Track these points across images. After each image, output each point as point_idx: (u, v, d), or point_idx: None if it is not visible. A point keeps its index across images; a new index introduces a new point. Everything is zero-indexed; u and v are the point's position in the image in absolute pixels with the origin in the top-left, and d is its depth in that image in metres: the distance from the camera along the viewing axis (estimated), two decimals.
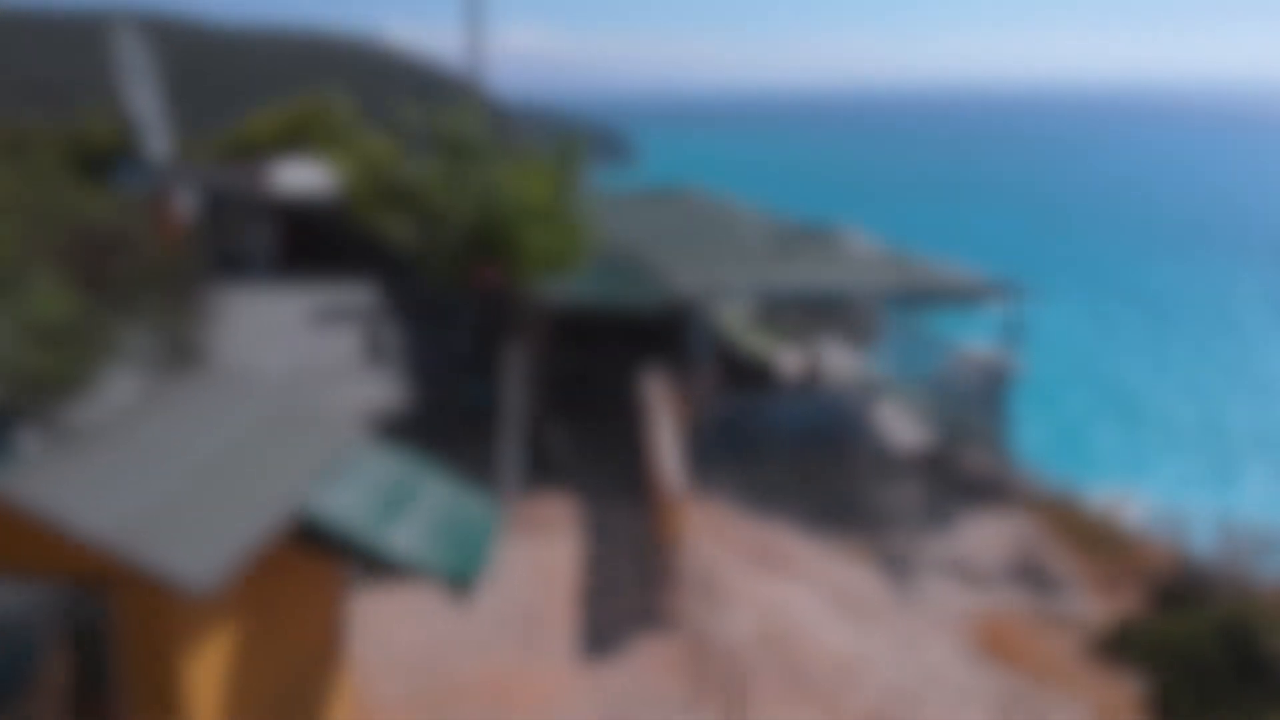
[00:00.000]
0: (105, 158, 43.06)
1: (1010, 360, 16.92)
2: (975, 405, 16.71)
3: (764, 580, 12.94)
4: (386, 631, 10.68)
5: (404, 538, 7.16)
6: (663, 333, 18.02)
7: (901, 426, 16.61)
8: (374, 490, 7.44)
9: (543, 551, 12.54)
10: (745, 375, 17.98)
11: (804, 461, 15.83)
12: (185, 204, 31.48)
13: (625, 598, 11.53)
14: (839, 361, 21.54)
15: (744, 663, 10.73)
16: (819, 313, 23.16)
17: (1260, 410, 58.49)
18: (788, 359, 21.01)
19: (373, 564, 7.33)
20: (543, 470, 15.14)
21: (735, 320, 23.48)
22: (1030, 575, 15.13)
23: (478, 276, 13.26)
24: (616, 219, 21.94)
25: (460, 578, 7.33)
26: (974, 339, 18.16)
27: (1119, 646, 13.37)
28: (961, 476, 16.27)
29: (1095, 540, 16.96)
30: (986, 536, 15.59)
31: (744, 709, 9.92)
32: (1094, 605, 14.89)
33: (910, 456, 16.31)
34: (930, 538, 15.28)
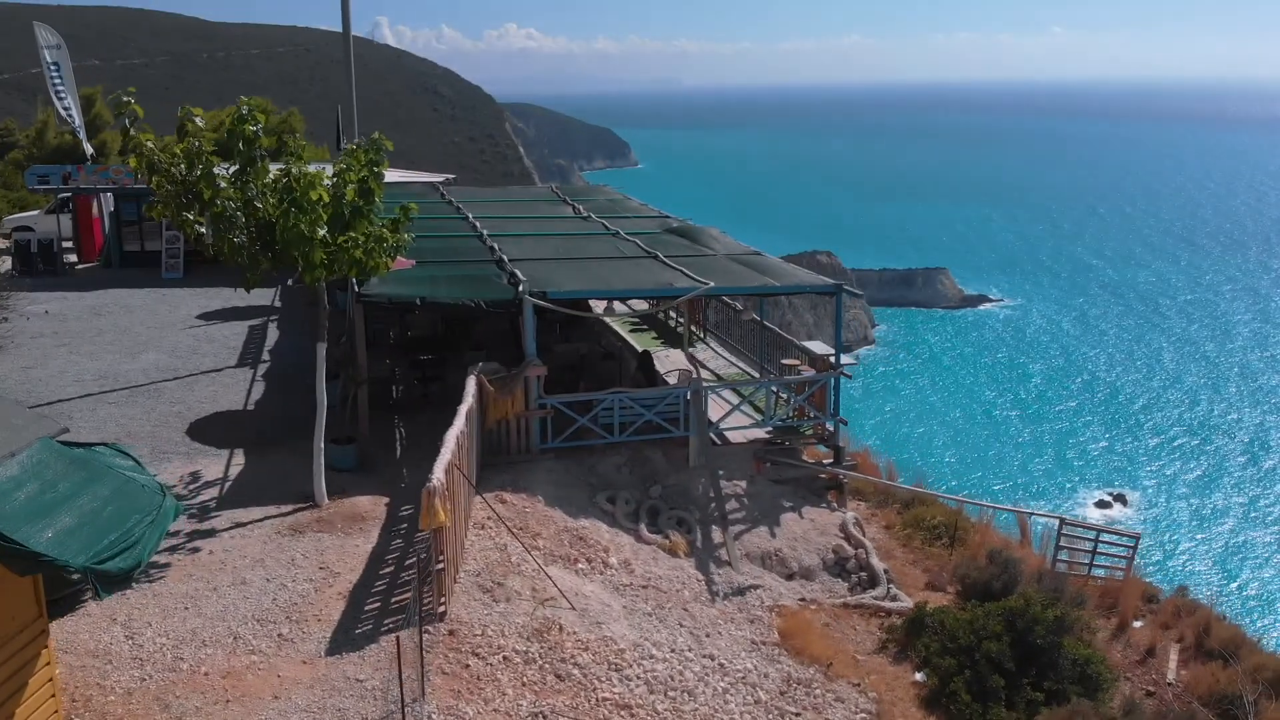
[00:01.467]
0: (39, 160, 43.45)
1: (842, 358, 17.08)
2: (810, 401, 16.90)
3: (561, 573, 13.13)
4: (143, 623, 10.90)
5: (49, 534, 7.33)
6: (514, 331, 18.31)
7: (740, 421, 16.80)
8: (25, 488, 7.59)
9: (335, 548, 12.75)
10: (615, 373, 18.19)
11: (638, 455, 16.03)
12: (106, 207, 31.84)
13: (397, 593, 11.75)
14: (712, 359, 21.77)
15: (499, 653, 10.92)
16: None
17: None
18: (667, 358, 21.23)
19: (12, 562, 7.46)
20: (368, 467, 15.39)
21: (622, 321, 23.73)
22: (850, 568, 15.33)
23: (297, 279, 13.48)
24: (499, 220, 22.20)
25: (109, 575, 7.52)
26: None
27: (914, 637, 13.59)
28: (794, 471, 16.45)
29: (935, 536, 17.19)
30: (811, 530, 15.80)
31: (479, 698, 10.13)
32: (913, 599, 15.09)
33: (745, 451, 16.50)
34: (756, 530, 15.48)
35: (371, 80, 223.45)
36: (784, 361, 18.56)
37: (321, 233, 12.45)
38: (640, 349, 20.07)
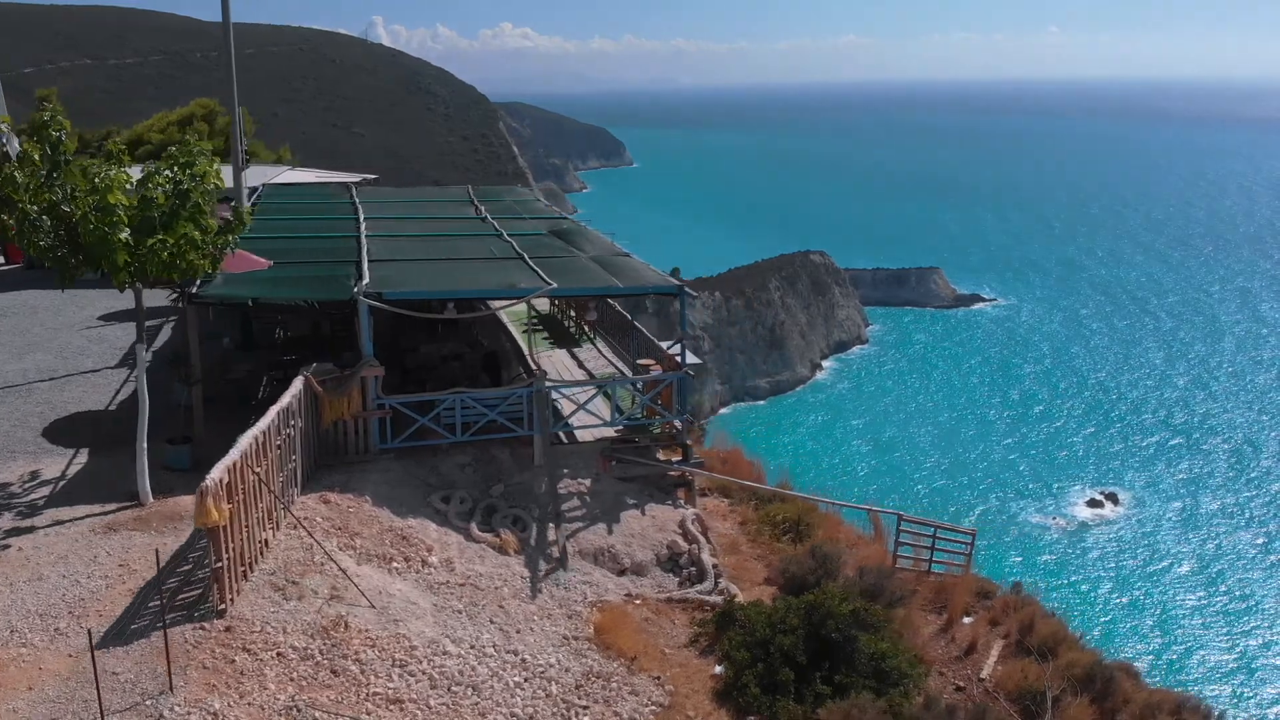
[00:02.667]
0: None
1: (687, 357, 17.26)
2: (659, 400, 17.08)
3: (372, 572, 13.34)
4: None
5: None
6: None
7: (590, 420, 17.00)
8: None
9: (142, 546, 12.93)
10: (460, 373, 18.36)
11: (485, 454, 16.23)
12: None
13: (187, 590, 11.95)
14: (595, 359, 21.96)
15: (274, 649, 11.13)
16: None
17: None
18: (550, 358, 21.44)
19: None
20: (205, 467, 15.56)
21: (517, 321, 23.92)
22: (682, 564, 15.52)
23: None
24: (389, 220, 22.39)
25: None
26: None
27: (722, 631, 13.79)
28: (641, 469, 16.64)
29: (783, 531, 17.39)
30: (650, 527, 15.99)
31: (234, 692, 10.34)
32: (749, 593, 15.29)
33: (594, 449, 16.71)
34: (593, 528, 15.67)
35: (365, 80, 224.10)
36: (639, 361, 18.77)
37: (123, 235, 12.63)
38: (489, 349, 20.18)
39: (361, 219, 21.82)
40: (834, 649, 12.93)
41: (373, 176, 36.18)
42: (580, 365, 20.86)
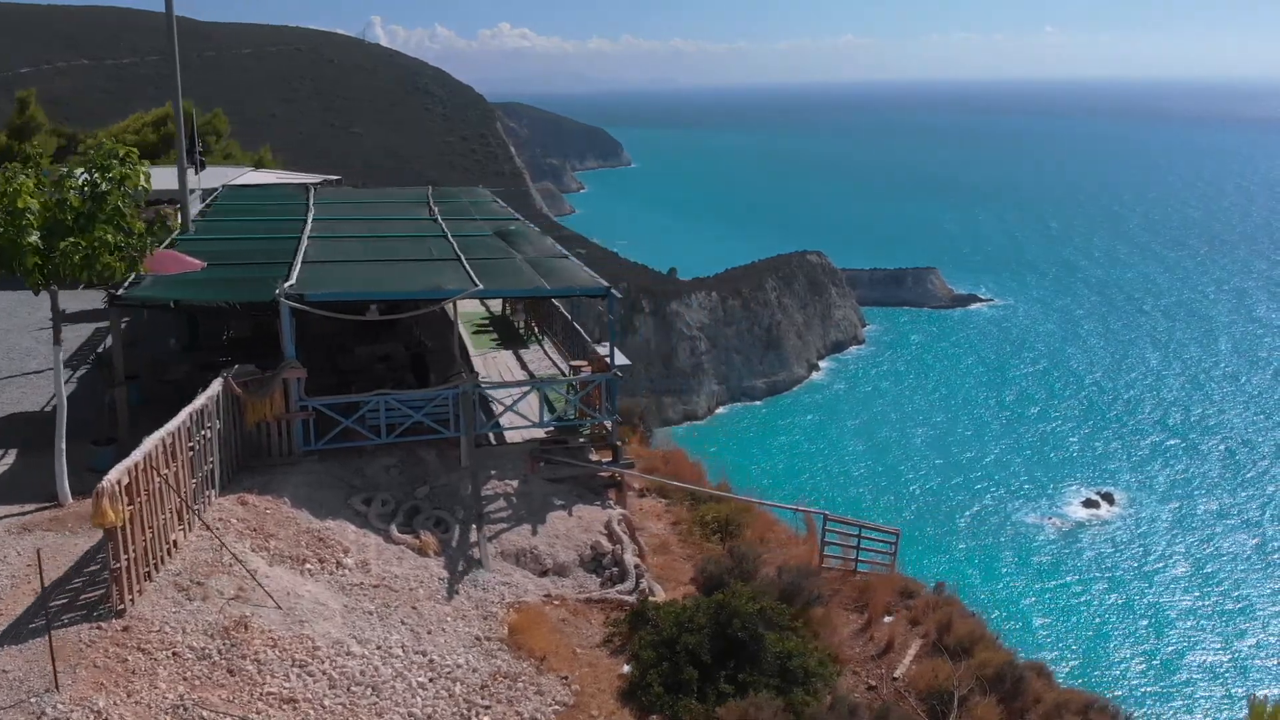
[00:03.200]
0: None
1: (618, 359, 17.35)
2: (590, 401, 17.19)
3: (284, 573, 13.45)
4: None
5: None
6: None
7: (522, 421, 17.10)
8: None
9: (54, 546, 13.05)
10: (387, 375, 18.47)
11: (412, 455, 16.34)
12: None
13: (90, 590, 12.06)
14: (539, 360, 22.06)
15: (170, 649, 11.24)
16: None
17: None
18: (494, 359, 21.55)
19: None
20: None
21: (469, 322, 24.04)
22: (605, 564, 15.61)
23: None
24: (338, 221, 22.50)
25: None
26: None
27: (635, 630, 13.89)
28: (569, 470, 16.74)
29: (714, 532, 17.50)
30: (576, 528, 16.08)
31: (122, 690, 10.45)
32: (674, 593, 15.38)
33: (523, 450, 16.81)
34: (518, 529, 15.76)
35: (363, 80, 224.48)
36: (572, 363, 18.88)
37: (32, 239, 12.73)
38: (416, 350, 20.18)
39: (309, 220, 21.93)
40: (740, 648, 13.03)
41: (335, 177, 36.24)
42: (523, 366, 20.97)
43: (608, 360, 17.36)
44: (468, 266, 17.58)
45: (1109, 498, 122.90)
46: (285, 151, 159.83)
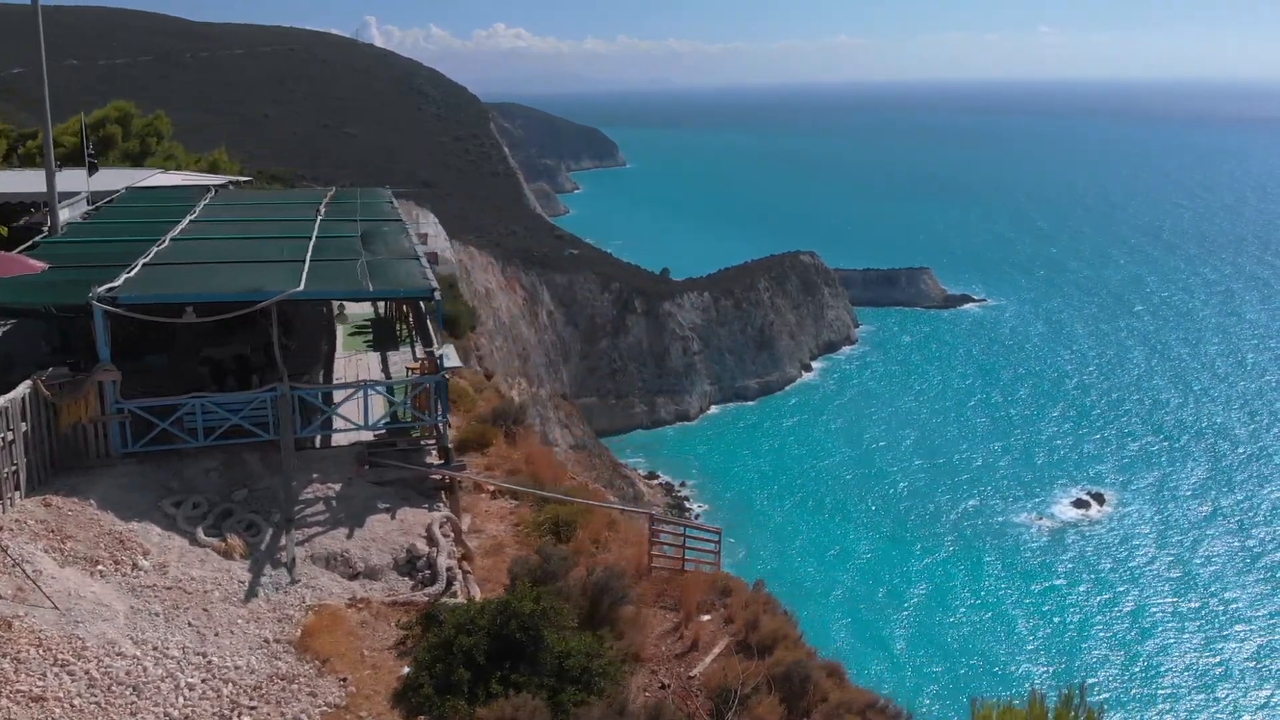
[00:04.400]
0: None
1: (449, 360, 17.38)
2: (421, 402, 17.25)
3: (73, 574, 13.55)
4: None
5: None
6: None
7: (354, 423, 17.17)
8: None
9: None
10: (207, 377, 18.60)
11: (235, 458, 16.43)
12: None
13: None
14: (405, 361, 22.13)
15: None
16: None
17: None
18: (359, 361, 21.64)
19: None
20: None
21: (350, 323, 24.14)
22: (419, 567, 15.68)
23: None
24: (212, 224, 22.58)
25: None
26: None
27: (427, 632, 13.96)
28: (396, 473, 16.82)
29: (543, 534, 17.57)
30: (395, 531, 16.12)
31: None
32: (479, 596, 15.43)
33: (349, 453, 16.89)
34: (334, 532, 15.81)
35: (357, 80, 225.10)
36: (408, 365, 18.96)
37: None
38: (238, 352, 20.16)
39: (184, 222, 22.03)
40: (518, 649, 13.09)
41: (245, 179, 36.27)
42: (384, 368, 21.05)
43: (437, 362, 17.42)
44: (306, 268, 17.64)
45: (1099, 498, 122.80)
46: (278, 152, 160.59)
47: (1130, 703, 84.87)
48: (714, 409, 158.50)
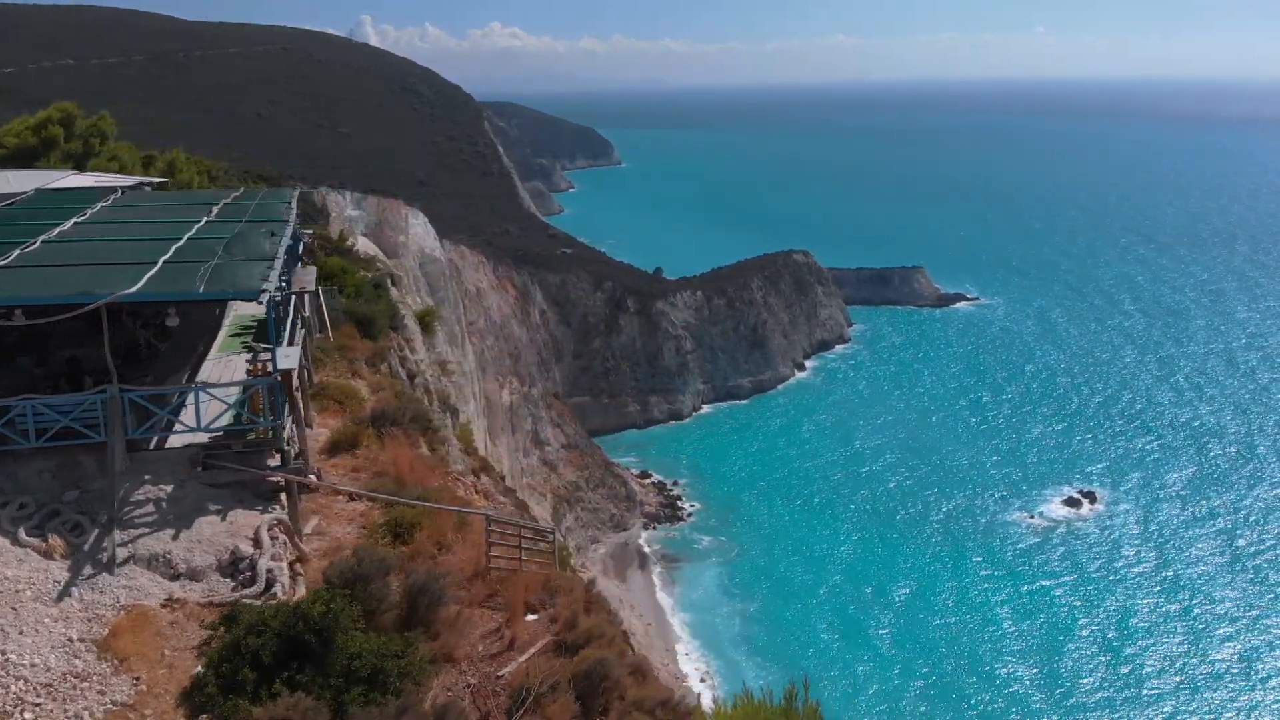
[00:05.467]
0: None
1: (280, 362, 17.36)
2: (261, 405, 17.28)
3: None
4: None
5: None
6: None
7: (191, 424, 17.22)
8: None
9: None
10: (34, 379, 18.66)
11: (71, 459, 16.49)
12: None
13: None
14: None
15: None
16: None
17: None
18: (227, 362, 21.71)
19: None
20: None
21: (237, 324, 24.18)
22: (242, 569, 15.74)
23: None
24: (96, 225, 22.63)
25: None
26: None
27: (229, 632, 14.01)
28: (231, 475, 16.87)
29: (393, 536, 17.64)
30: (223, 533, 16.16)
31: None
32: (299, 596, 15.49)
33: (184, 455, 16.95)
34: (160, 534, 15.85)
35: (351, 80, 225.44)
36: (248, 367, 18.97)
37: None
38: (71, 355, 20.13)
39: (68, 223, 22.10)
40: (307, 650, 13.16)
41: (160, 180, 36.26)
42: (249, 370, 21.07)
43: (270, 364, 17.44)
44: (155, 270, 17.66)
45: (1090, 496, 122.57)
46: (272, 152, 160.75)
47: (1116, 704, 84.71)
48: (707, 408, 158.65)
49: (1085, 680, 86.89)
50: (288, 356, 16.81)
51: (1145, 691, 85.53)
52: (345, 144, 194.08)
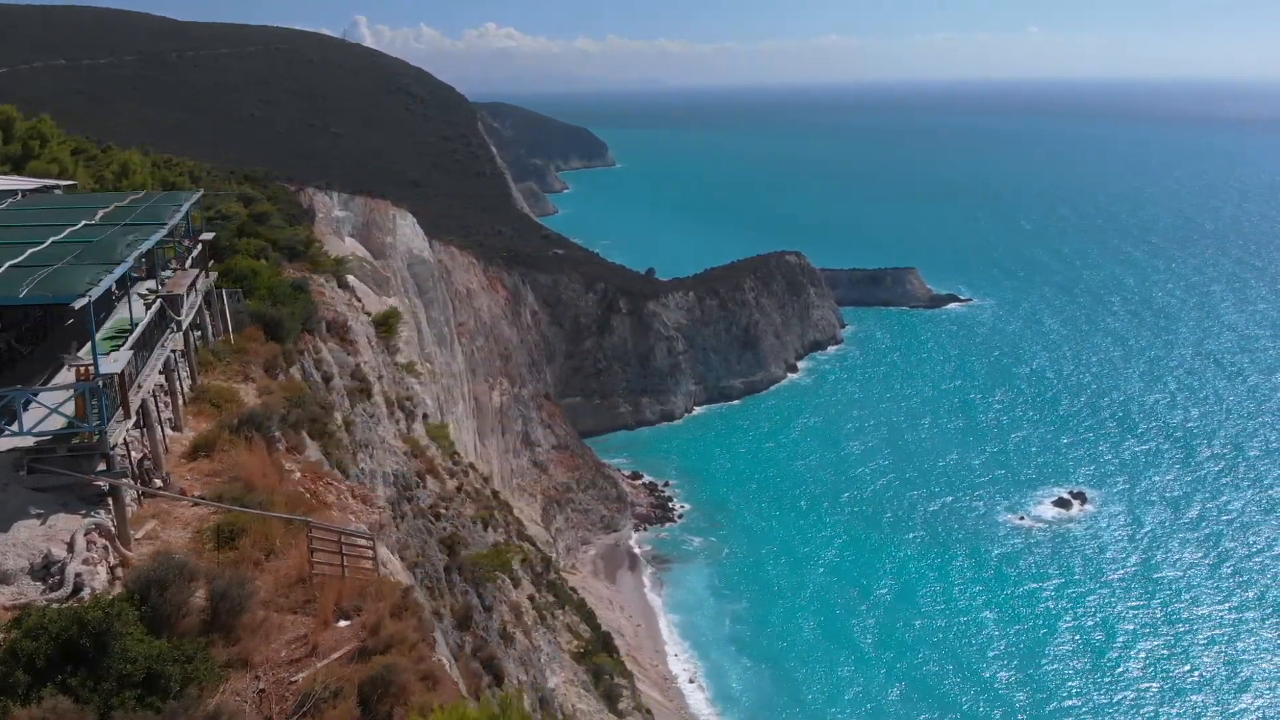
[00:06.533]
0: None
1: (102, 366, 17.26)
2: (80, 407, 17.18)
3: None
4: None
5: None
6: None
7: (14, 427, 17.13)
8: None
9: None
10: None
11: None
12: None
13: None
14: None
15: None
16: None
17: None
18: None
19: None
20: None
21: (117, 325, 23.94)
22: (51, 573, 15.65)
23: None
24: None
25: None
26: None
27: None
28: (56, 479, 16.85)
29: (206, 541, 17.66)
30: (39, 537, 16.02)
31: None
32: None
33: (7, 458, 16.89)
34: None
35: (344, 80, 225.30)
36: (78, 370, 18.83)
37: None
38: None
39: None
40: (81, 654, 13.20)
41: (68, 183, 35.83)
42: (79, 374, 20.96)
43: (90, 369, 17.30)
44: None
45: (1081, 497, 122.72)
46: (264, 152, 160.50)
47: (1099, 706, 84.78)
48: (699, 409, 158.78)
49: (1070, 683, 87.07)
50: (115, 360, 16.70)
51: (1128, 694, 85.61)
52: (338, 144, 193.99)
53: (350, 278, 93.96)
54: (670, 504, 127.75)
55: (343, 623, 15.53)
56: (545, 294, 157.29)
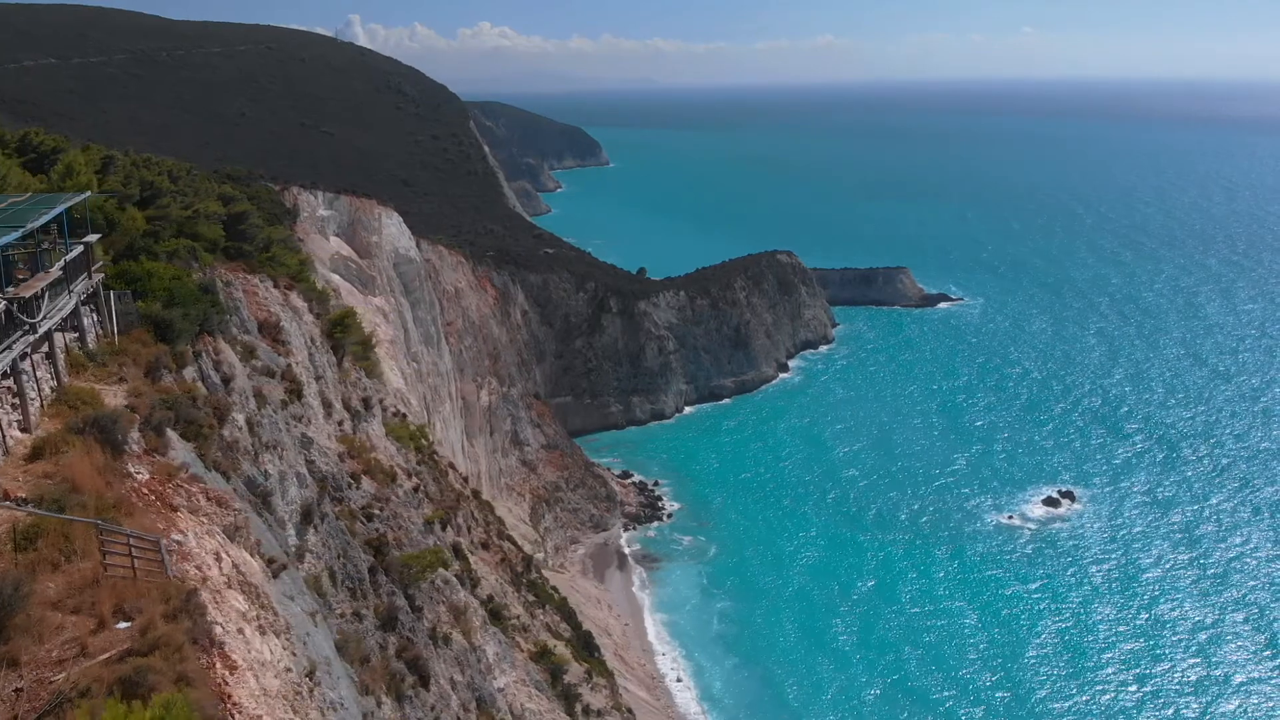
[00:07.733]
0: None
1: None
2: None
3: None
4: None
5: None
6: None
7: None
8: None
9: None
10: None
11: None
12: None
13: None
14: None
15: None
16: None
17: None
18: None
19: None
20: None
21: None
22: None
23: None
24: None
25: None
26: None
27: None
28: None
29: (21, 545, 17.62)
30: None
31: None
32: None
33: None
34: None
35: (335, 79, 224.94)
36: None
37: None
38: None
39: None
40: None
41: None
42: None
43: None
44: None
45: (1070, 495, 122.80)
46: (254, 151, 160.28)
47: (1080, 706, 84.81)
48: (689, 408, 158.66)
49: (1051, 683, 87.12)
50: None
51: (1109, 694, 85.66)
52: (328, 144, 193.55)
53: (335, 276, 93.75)
54: (660, 503, 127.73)
55: (123, 625, 15.53)
56: (535, 293, 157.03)
